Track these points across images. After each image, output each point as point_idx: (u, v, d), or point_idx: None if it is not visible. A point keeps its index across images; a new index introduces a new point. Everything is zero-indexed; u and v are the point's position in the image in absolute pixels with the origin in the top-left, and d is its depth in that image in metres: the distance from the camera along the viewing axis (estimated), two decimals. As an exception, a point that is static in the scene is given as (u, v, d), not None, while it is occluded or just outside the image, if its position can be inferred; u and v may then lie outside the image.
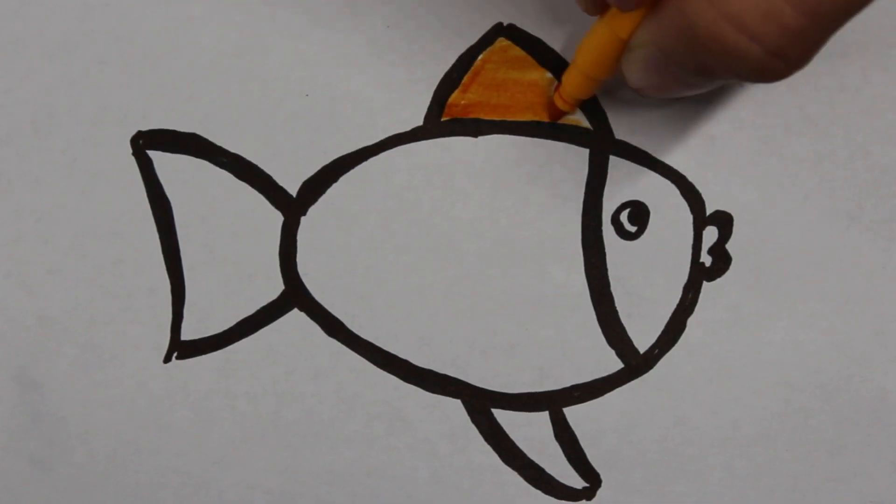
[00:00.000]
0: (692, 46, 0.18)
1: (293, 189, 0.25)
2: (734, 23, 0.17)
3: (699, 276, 0.25)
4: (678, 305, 0.25)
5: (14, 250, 0.25)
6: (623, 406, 0.26)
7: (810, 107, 0.25)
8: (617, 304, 0.25)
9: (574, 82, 0.24)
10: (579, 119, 0.25)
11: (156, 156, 0.25)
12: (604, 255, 0.25)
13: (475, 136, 0.25)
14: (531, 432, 0.25)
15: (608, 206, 0.25)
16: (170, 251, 0.25)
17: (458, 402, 0.25)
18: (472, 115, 0.25)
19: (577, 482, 0.26)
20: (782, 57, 0.18)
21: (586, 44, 0.22)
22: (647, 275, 0.25)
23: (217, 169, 0.25)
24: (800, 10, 0.17)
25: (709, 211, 0.25)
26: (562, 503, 0.26)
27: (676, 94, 0.21)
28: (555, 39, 0.25)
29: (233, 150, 0.25)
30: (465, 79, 0.25)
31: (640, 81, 0.21)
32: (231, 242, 0.25)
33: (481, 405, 0.25)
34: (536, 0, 0.25)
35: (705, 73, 0.19)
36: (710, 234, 0.26)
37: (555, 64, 0.25)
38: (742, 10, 0.17)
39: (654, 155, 0.25)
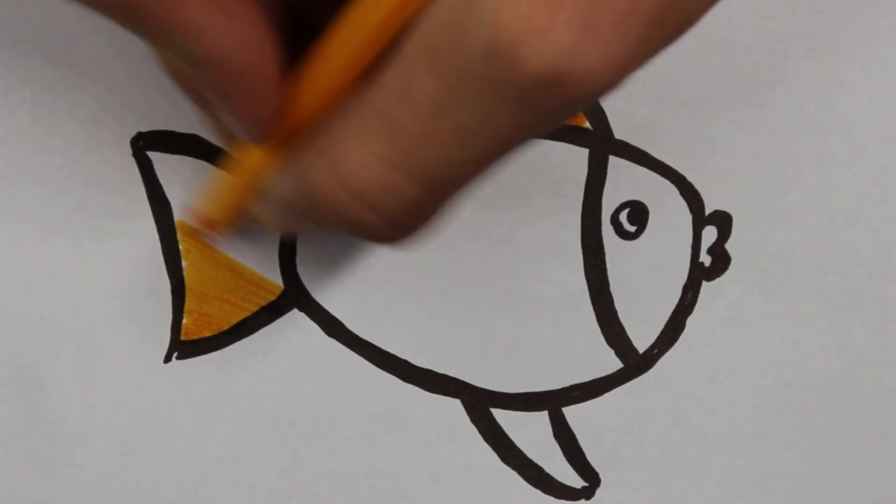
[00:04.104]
0: (312, 206, 0.18)
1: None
2: (353, 194, 0.17)
3: (698, 275, 0.25)
4: (677, 305, 0.25)
5: (14, 250, 0.25)
6: (622, 406, 0.26)
7: (810, 106, 0.25)
8: (616, 304, 0.25)
9: (216, 209, 0.23)
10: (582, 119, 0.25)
11: (156, 157, 0.25)
12: (603, 254, 0.25)
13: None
14: (530, 432, 0.25)
15: (607, 206, 0.25)
16: (170, 252, 0.25)
17: (458, 401, 0.25)
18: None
19: (577, 482, 0.26)
20: (401, 227, 0.17)
21: (225, 174, 0.22)
22: (647, 275, 0.25)
23: (217, 169, 0.25)
24: (418, 185, 0.16)
25: (708, 211, 0.25)
26: (561, 502, 0.26)
27: (314, 236, 0.21)
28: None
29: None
30: None
31: (268, 225, 0.21)
32: (231, 243, 0.25)
33: (480, 405, 0.25)
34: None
35: (328, 229, 0.19)
36: (710, 234, 0.26)
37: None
38: (362, 181, 0.17)
39: (653, 155, 0.25)
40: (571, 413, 0.26)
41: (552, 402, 0.25)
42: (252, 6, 0.17)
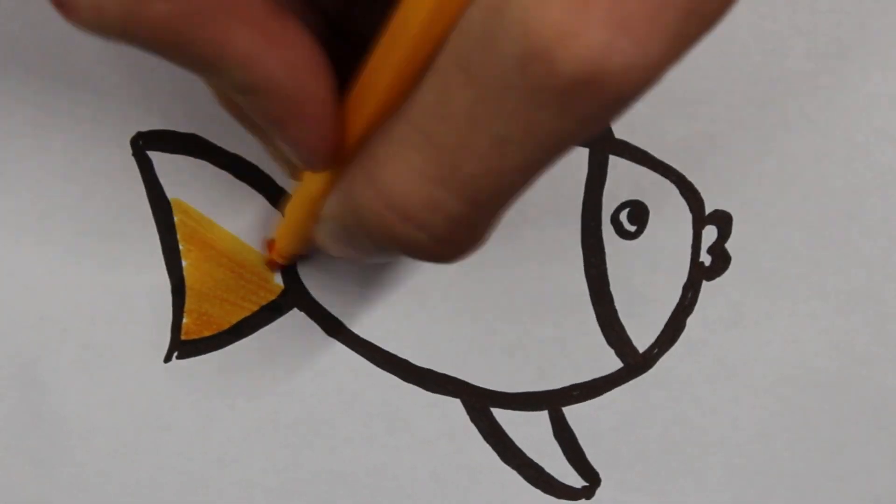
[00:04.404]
0: (364, 230, 0.18)
1: (293, 189, 0.25)
2: (399, 213, 0.17)
3: (699, 275, 0.26)
4: (677, 305, 0.25)
5: (15, 250, 0.25)
6: (622, 405, 0.26)
7: (810, 106, 0.25)
8: (616, 304, 0.25)
9: (287, 240, 0.23)
10: None
11: (155, 156, 0.25)
12: (603, 254, 0.25)
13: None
14: (530, 431, 0.25)
15: (608, 206, 0.25)
16: (170, 251, 0.25)
17: (458, 401, 0.25)
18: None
19: (577, 481, 0.26)
20: (450, 242, 0.17)
21: (292, 203, 0.22)
22: (647, 274, 0.25)
23: (217, 169, 0.25)
24: (462, 199, 0.16)
25: (708, 210, 0.26)
26: (561, 502, 0.26)
27: (374, 262, 0.20)
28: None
29: (232, 150, 0.25)
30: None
31: (329, 250, 0.21)
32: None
33: (480, 404, 0.25)
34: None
35: (386, 253, 0.18)
36: (710, 234, 0.26)
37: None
38: (405, 200, 0.16)
39: (653, 154, 0.25)
40: (571, 413, 0.26)
41: (552, 401, 0.25)
42: (300, 31, 0.17)
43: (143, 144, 0.25)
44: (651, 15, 0.14)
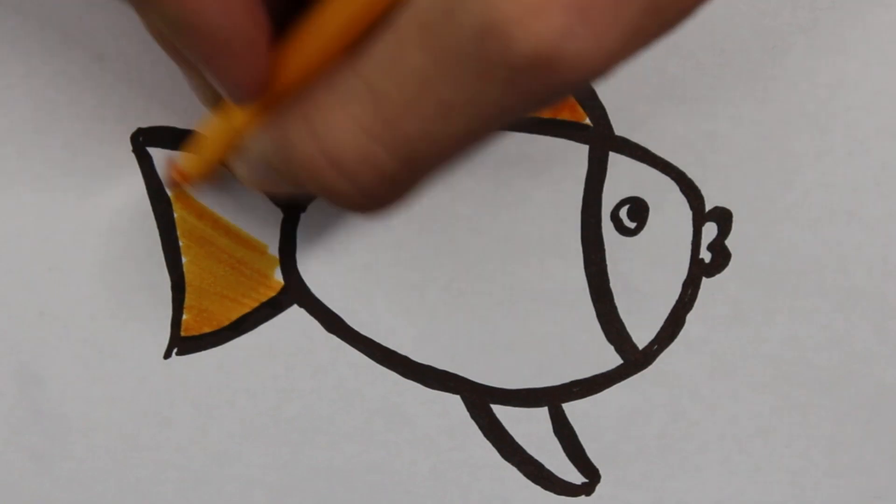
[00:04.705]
0: (289, 169, 0.18)
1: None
2: (331, 160, 0.17)
3: (698, 272, 0.26)
4: (677, 301, 0.25)
5: (15, 246, 0.25)
6: (622, 402, 0.26)
7: (810, 103, 0.25)
8: (616, 300, 0.25)
9: (196, 163, 0.23)
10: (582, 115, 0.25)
11: (156, 152, 0.25)
12: (603, 251, 0.25)
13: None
14: (530, 428, 0.25)
15: (607, 203, 0.25)
16: (170, 247, 0.25)
17: (458, 397, 0.25)
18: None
19: (577, 478, 0.26)
20: (374, 197, 0.17)
21: (208, 129, 0.22)
22: (647, 271, 0.25)
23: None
24: (396, 157, 0.17)
25: (708, 207, 0.25)
26: (561, 499, 0.26)
27: (287, 195, 0.21)
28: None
29: (232, 146, 0.25)
30: None
31: (245, 181, 0.21)
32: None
33: (480, 401, 0.25)
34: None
35: (304, 191, 0.19)
36: (710, 231, 0.26)
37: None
38: (340, 148, 0.17)
39: (653, 151, 0.25)
40: (571, 409, 0.26)
41: (552, 398, 0.26)
42: None
43: (144, 140, 0.25)
44: (612, 7, 0.14)
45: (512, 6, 0.14)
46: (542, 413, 0.26)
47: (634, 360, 0.26)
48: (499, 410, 0.26)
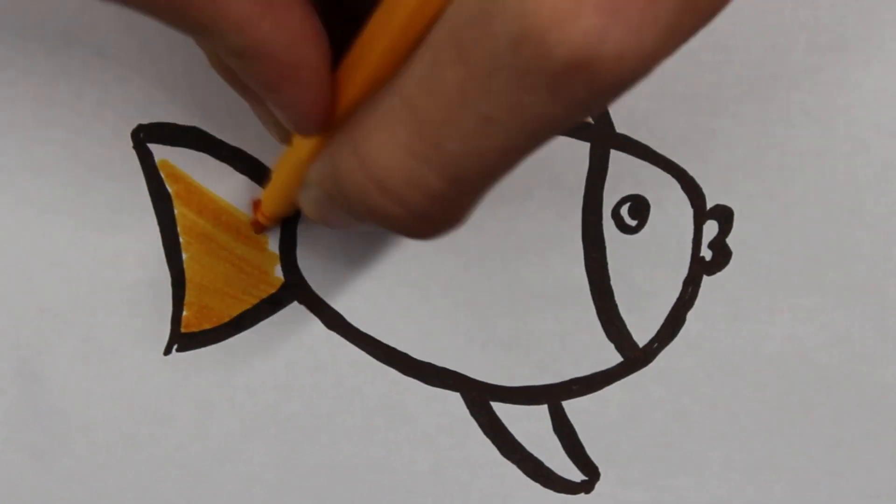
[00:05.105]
0: (343, 197, 0.18)
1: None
2: (379, 185, 0.17)
3: (699, 270, 0.25)
4: (678, 299, 0.25)
5: (15, 243, 0.25)
6: (622, 400, 0.26)
7: (811, 101, 0.25)
8: (616, 298, 0.25)
9: (272, 202, 0.23)
10: None
11: (156, 149, 0.25)
12: (604, 248, 0.25)
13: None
14: (530, 426, 0.25)
15: (608, 200, 0.25)
16: (170, 244, 0.25)
17: (458, 395, 0.25)
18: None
19: (576, 475, 0.26)
20: (427, 220, 0.17)
21: (279, 165, 0.22)
22: (647, 269, 0.25)
23: (217, 162, 0.25)
24: (443, 177, 0.16)
25: (709, 205, 0.25)
26: (561, 496, 0.26)
27: (354, 231, 0.21)
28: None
29: (233, 143, 0.25)
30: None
31: (311, 216, 0.21)
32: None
33: (480, 398, 0.25)
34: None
35: (365, 223, 0.18)
36: (711, 229, 0.26)
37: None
38: (387, 173, 0.16)
39: (654, 149, 0.25)
40: (571, 407, 0.26)
41: (552, 395, 0.26)
42: None
43: (144, 137, 0.25)
44: (647, 5, 0.14)
45: (545, 11, 0.14)
46: (542, 411, 0.26)
47: (635, 358, 0.26)
48: (499, 408, 0.26)
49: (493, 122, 0.15)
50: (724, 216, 0.25)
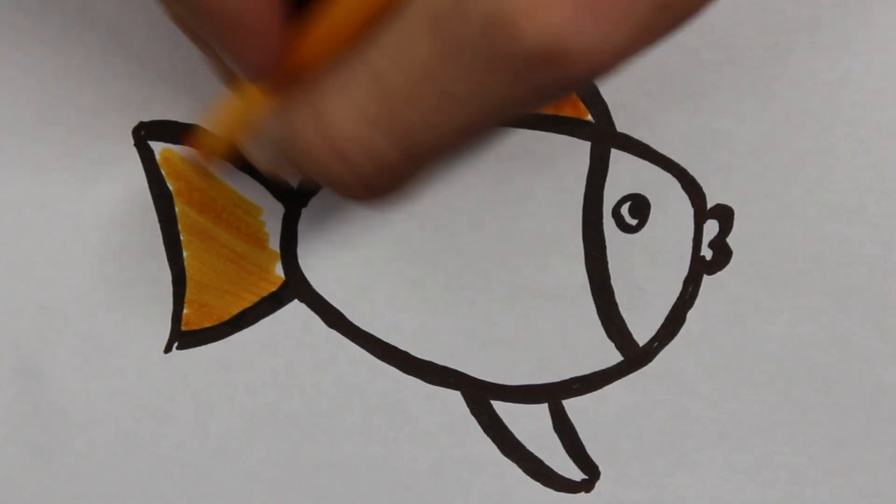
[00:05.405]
0: (293, 153, 0.18)
1: (294, 180, 0.25)
2: (331, 147, 0.17)
3: (700, 269, 0.25)
4: (678, 299, 0.25)
5: (15, 240, 0.25)
6: (622, 399, 0.26)
7: (812, 101, 0.25)
8: (617, 297, 0.25)
9: (210, 138, 0.23)
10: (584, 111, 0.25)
11: (157, 146, 0.25)
12: (604, 248, 0.25)
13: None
14: (530, 424, 0.25)
15: (609, 199, 0.25)
16: (171, 242, 0.25)
17: (458, 393, 0.25)
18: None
19: (576, 474, 0.26)
20: (373, 187, 0.17)
21: (223, 107, 0.22)
22: (648, 268, 0.25)
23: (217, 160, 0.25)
24: (396, 147, 0.16)
25: (710, 204, 0.25)
26: (561, 495, 0.26)
27: (295, 179, 0.21)
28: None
29: (234, 141, 0.25)
30: None
31: (257, 163, 0.21)
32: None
33: (481, 397, 0.25)
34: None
35: (307, 176, 0.19)
36: (711, 228, 0.26)
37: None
38: (341, 135, 0.17)
39: (655, 148, 0.25)
40: (571, 406, 0.26)
41: (552, 394, 0.25)
42: None
43: (145, 134, 0.25)
44: (621, 1, 0.14)
45: None
46: (543, 409, 0.26)
47: (635, 357, 0.26)
48: (499, 406, 0.26)
49: (455, 99, 0.15)
50: (725, 215, 0.25)
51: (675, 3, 0.15)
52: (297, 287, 0.25)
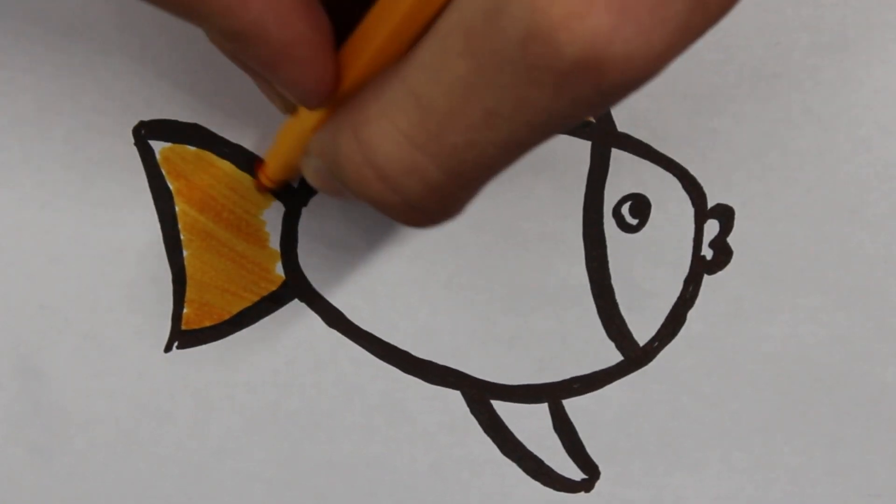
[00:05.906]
0: (341, 177, 0.18)
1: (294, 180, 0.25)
2: (377, 172, 0.17)
3: (700, 269, 0.26)
4: (679, 298, 0.25)
5: (16, 239, 0.25)
6: (622, 398, 0.26)
7: (813, 100, 0.25)
8: (617, 297, 0.25)
9: (275, 165, 0.23)
10: None
11: (157, 145, 0.25)
12: (605, 247, 0.25)
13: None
14: (530, 424, 0.25)
15: (609, 199, 0.25)
16: (171, 241, 0.25)
17: (458, 393, 0.25)
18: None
19: (576, 474, 0.26)
20: (423, 210, 0.17)
21: (283, 131, 0.22)
22: (648, 268, 0.25)
23: (218, 159, 0.25)
24: (442, 168, 0.16)
25: (710, 204, 0.25)
26: (561, 495, 0.26)
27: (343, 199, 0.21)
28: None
29: (234, 140, 0.25)
30: None
31: (313, 184, 0.21)
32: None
33: (481, 397, 0.25)
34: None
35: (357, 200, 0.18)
36: (712, 228, 0.26)
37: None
38: (385, 161, 0.16)
39: (656, 148, 0.25)
40: (571, 405, 0.26)
41: (552, 394, 0.26)
42: None
43: (146, 133, 0.25)
44: (657, 5, 0.14)
45: (556, 9, 0.14)
46: (543, 409, 0.26)
47: (635, 356, 0.26)
48: (499, 406, 0.26)
49: (496, 116, 0.15)
50: (725, 215, 0.25)
51: (710, 1, 0.15)
52: (297, 286, 0.25)
